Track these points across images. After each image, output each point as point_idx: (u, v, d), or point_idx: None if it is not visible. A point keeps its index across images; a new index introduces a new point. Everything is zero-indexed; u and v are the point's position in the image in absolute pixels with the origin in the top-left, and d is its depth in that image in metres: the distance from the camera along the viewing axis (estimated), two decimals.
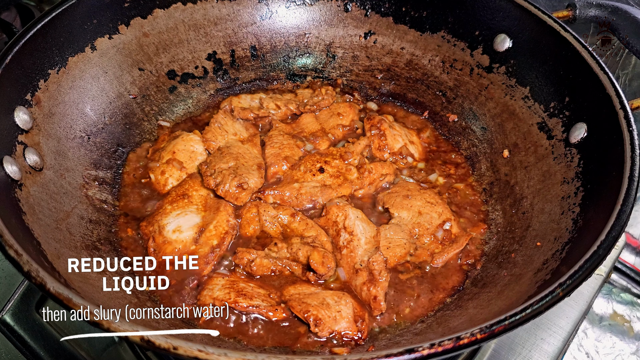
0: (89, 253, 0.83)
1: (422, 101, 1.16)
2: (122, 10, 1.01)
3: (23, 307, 0.94)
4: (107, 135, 1.01)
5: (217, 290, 0.81)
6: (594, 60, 0.86)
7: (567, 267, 0.67)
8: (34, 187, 0.80)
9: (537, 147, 0.96)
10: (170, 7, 1.06)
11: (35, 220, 0.76)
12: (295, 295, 0.83)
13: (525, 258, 0.84)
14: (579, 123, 0.88)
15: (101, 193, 0.95)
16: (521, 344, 0.95)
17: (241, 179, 0.95)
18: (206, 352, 0.54)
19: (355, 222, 0.90)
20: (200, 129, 1.07)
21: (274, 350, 0.78)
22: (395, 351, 0.56)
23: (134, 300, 0.79)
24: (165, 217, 0.91)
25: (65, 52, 0.94)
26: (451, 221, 0.94)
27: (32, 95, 0.87)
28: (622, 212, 0.70)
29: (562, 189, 0.87)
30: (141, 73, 1.07)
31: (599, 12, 0.99)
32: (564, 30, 0.91)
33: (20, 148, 0.81)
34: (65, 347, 0.92)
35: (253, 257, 0.87)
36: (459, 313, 0.81)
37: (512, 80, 1.02)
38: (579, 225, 0.79)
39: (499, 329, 0.59)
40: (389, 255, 0.88)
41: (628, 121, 0.78)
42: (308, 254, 0.86)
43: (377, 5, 1.13)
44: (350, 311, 0.80)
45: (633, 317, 1.09)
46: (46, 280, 0.60)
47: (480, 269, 0.90)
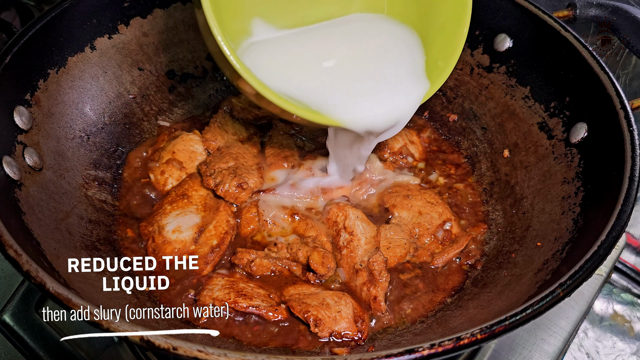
0: (88, 253, 0.83)
1: None
2: (121, 10, 1.01)
3: (22, 307, 0.94)
4: (107, 135, 1.01)
5: (216, 291, 0.81)
6: (595, 60, 0.86)
7: (567, 267, 0.67)
8: (33, 187, 0.80)
9: (537, 147, 0.96)
10: (170, 6, 1.06)
11: (34, 220, 0.76)
12: (295, 296, 0.82)
13: (526, 258, 0.84)
14: (580, 123, 0.88)
15: (101, 193, 0.95)
16: (521, 344, 0.95)
17: (241, 179, 0.95)
18: (206, 352, 0.54)
19: (355, 222, 0.90)
20: (200, 129, 1.07)
21: (274, 351, 0.78)
22: (396, 351, 0.56)
23: (133, 301, 0.79)
24: (164, 217, 0.91)
25: (65, 52, 0.94)
26: (451, 221, 0.94)
27: (31, 95, 0.87)
28: (623, 212, 0.70)
29: (562, 189, 0.87)
30: (141, 73, 1.07)
31: (600, 12, 0.99)
32: (564, 30, 0.90)
33: (20, 148, 0.81)
34: (65, 347, 0.92)
35: (253, 257, 0.87)
36: (459, 313, 0.81)
37: (513, 80, 1.02)
38: (580, 225, 0.79)
39: (500, 329, 0.59)
40: (389, 255, 0.88)
41: (628, 121, 0.78)
42: (308, 254, 0.86)
43: None
44: (350, 311, 0.80)
45: (633, 317, 1.08)
46: (46, 280, 0.60)
47: (480, 269, 0.90)
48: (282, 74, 0.82)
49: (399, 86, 0.84)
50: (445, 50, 0.86)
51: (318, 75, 0.83)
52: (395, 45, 0.89)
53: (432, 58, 0.88)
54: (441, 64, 0.86)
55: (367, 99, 0.81)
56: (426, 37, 0.90)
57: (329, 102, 0.80)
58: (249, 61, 0.81)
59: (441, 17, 0.87)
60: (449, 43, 0.86)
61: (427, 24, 0.90)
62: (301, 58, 0.86)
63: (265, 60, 0.83)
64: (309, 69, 0.84)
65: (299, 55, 0.86)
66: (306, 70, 0.84)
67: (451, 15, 0.86)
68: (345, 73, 0.84)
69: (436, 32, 0.88)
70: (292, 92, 0.80)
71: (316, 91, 0.81)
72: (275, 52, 0.85)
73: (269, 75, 0.79)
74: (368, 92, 0.82)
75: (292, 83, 0.81)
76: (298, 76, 0.82)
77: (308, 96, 0.80)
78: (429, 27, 0.89)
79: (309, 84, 0.82)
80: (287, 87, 0.80)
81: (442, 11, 0.87)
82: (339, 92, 0.81)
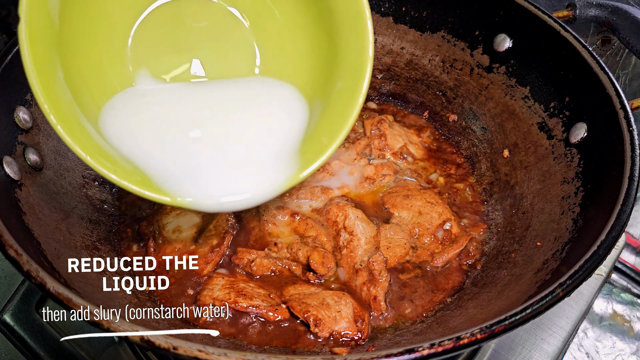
0: (88, 253, 0.83)
1: (422, 101, 1.16)
2: None
3: (23, 307, 0.94)
4: None
5: (217, 290, 0.81)
6: (594, 60, 0.86)
7: (567, 267, 0.67)
8: (34, 187, 0.80)
9: (537, 147, 0.96)
10: None
11: (35, 220, 0.76)
12: (295, 296, 0.83)
13: (525, 258, 0.84)
14: (579, 123, 0.88)
15: (101, 193, 0.95)
16: (521, 344, 0.95)
17: None
18: (206, 352, 0.54)
19: (355, 222, 0.90)
20: None
21: (274, 350, 0.78)
22: (395, 351, 0.56)
23: (134, 300, 0.79)
24: (165, 216, 0.91)
25: None
26: (451, 221, 0.94)
27: (32, 95, 0.87)
28: (622, 212, 0.70)
29: (562, 188, 0.87)
30: None
31: (599, 12, 0.99)
32: (564, 30, 0.90)
33: (20, 148, 0.81)
34: (65, 347, 0.92)
35: (253, 257, 0.87)
36: (459, 313, 0.81)
37: (512, 80, 1.02)
38: (579, 225, 0.79)
39: (499, 329, 0.59)
40: (389, 255, 0.88)
41: (628, 121, 0.78)
42: (308, 254, 0.86)
43: (376, 5, 1.13)
44: (350, 311, 0.80)
45: (633, 317, 1.09)
46: (46, 280, 0.60)
47: (480, 269, 0.90)
48: (134, 137, 0.72)
49: (263, 167, 0.72)
50: (334, 123, 0.72)
51: (172, 146, 0.72)
52: (276, 117, 0.77)
53: (316, 133, 0.75)
54: (325, 140, 0.72)
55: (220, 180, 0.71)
56: (316, 108, 0.78)
57: (174, 177, 0.69)
58: (106, 120, 0.72)
59: (339, 82, 0.74)
60: (339, 114, 0.72)
61: (321, 93, 0.78)
62: (162, 122, 0.74)
63: (123, 121, 0.73)
64: (164, 138, 0.73)
65: (161, 119, 0.75)
66: (160, 139, 0.72)
67: (347, 82, 0.73)
68: (204, 145, 0.73)
69: (329, 102, 0.76)
70: (139, 160, 0.70)
71: (164, 163, 0.70)
72: (137, 112, 0.75)
73: (120, 137, 0.71)
74: (223, 172, 0.71)
75: (141, 150, 0.71)
76: (149, 144, 0.72)
77: (152, 166, 0.70)
78: (322, 96, 0.77)
79: (158, 154, 0.71)
80: (135, 152, 0.71)
81: (340, 75, 0.74)
82: (191, 167, 0.70)
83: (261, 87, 0.82)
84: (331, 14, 0.74)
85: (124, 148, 0.71)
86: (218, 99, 0.79)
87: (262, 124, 0.76)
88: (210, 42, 0.83)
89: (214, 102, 0.78)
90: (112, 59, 0.78)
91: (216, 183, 0.70)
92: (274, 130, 0.76)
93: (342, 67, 0.74)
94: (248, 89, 0.82)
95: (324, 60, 0.78)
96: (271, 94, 0.81)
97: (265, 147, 0.74)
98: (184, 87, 0.80)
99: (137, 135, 0.72)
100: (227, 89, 0.81)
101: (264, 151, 0.74)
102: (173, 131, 0.73)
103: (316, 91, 0.79)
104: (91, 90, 0.74)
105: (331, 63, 0.76)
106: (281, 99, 0.80)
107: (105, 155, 0.67)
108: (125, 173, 0.67)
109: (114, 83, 0.78)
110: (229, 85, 0.82)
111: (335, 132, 0.71)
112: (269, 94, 0.81)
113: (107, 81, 0.77)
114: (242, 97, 0.80)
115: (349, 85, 0.72)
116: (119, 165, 0.67)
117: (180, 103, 0.78)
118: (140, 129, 0.73)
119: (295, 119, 0.77)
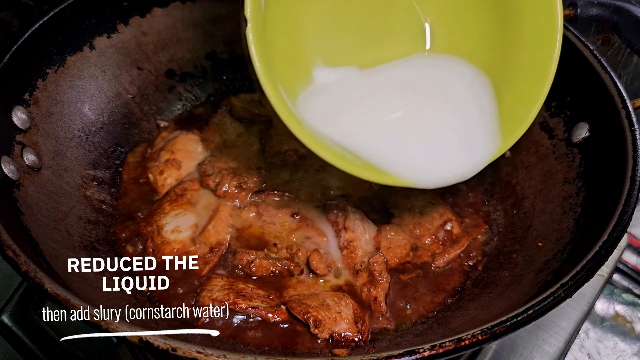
0: (87, 253, 0.82)
1: None
2: (120, 9, 1.00)
3: (21, 307, 0.94)
4: (106, 134, 1.01)
5: (216, 291, 0.81)
6: (596, 60, 0.85)
7: (568, 268, 0.67)
8: (32, 187, 0.80)
9: (538, 146, 0.95)
10: (169, 5, 1.06)
11: (33, 221, 0.76)
12: (294, 296, 0.82)
13: (527, 258, 0.84)
14: (581, 123, 0.88)
15: (100, 193, 0.94)
16: (522, 345, 0.95)
17: (240, 179, 0.94)
18: (205, 354, 0.53)
19: (356, 222, 0.90)
20: (200, 129, 1.06)
21: (273, 352, 0.78)
22: (396, 352, 0.55)
23: (133, 301, 0.79)
24: (164, 217, 0.90)
25: (64, 52, 0.93)
26: (452, 221, 0.94)
27: (30, 94, 0.86)
28: (624, 212, 0.69)
29: (563, 189, 0.87)
30: (140, 72, 1.07)
31: (601, 12, 0.98)
32: (565, 30, 0.90)
33: (19, 148, 0.81)
34: (64, 348, 0.91)
35: (252, 258, 0.86)
36: (460, 314, 0.81)
37: None
38: (581, 226, 0.79)
39: (501, 330, 0.59)
40: (390, 255, 0.88)
41: (630, 121, 0.78)
42: (308, 254, 0.86)
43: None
44: (350, 312, 0.79)
45: (635, 318, 1.08)
46: (44, 280, 0.59)
47: (481, 270, 0.90)
48: (341, 125, 0.75)
49: (469, 143, 0.76)
50: (526, 92, 0.75)
51: (380, 128, 0.76)
52: (465, 92, 0.80)
53: (507, 104, 0.78)
54: (521, 109, 0.75)
55: (435, 156, 0.75)
56: (500, 79, 0.79)
57: (392, 158, 0.73)
58: (308, 111, 0.75)
59: (525, 51, 0.76)
60: (531, 82, 0.74)
61: (502, 63, 0.79)
62: (362, 108, 0.78)
63: (325, 109, 0.76)
64: (371, 121, 0.76)
65: (360, 104, 0.79)
66: (368, 122, 0.76)
67: (536, 48, 0.75)
68: (409, 125, 0.76)
69: (515, 72, 0.77)
70: (352, 146, 0.74)
71: (378, 146, 0.74)
72: (335, 100, 0.78)
73: (328, 127, 0.74)
74: (435, 149, 0.75)
75: (352, 136, 0.74)
76: (358, 129, 0.75)
77: (369, 151, 0.74)
78: (504, 66, 0.79)
79: (370, 137, 0.75)
80: (346, 140, 0.74)
81: (525, 44, 0.75)
82: (403, 148, 0.74)
83: (439, 64, 0.83)
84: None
85: (338, 136, 0.74)
86: (404, 80, 0.81)
87: (458, 101, 0.79)
88: (377, 22, 0.83)
89: (401, 84, 0.80)
90: (297, 51, 0.80)
91: (432, 161, 0.74)
92: (470, 105, 0.78)
93: (526, 36, 0.76)
94: (428, 67, 0.83)
95: (500, 31, 0.79)
96: (452, 70, 0.82)
97: (468, 121, 0.77)
98: (369, 73, 0.82)
99: (348, 122, 0.76)
100: (407, 70, 0.82)
101: (467, 125, 0.77)
102: (379, 115, 0.77)
103: (493, 63, 0.80)
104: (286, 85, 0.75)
105: (509, 33, 0.78)
106: (463, 75, 0.81)
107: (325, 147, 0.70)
108: (348, 162, 0.71)
109: (302, 75, 0.80)
110: (407, 65, 0.83)
111: (532, 101, 0.74)
112: (450, 71, 0.82)
113: (298, 74, 0.79)
114: (427, 77, 0.82)
115: (538, 54, 0.75)
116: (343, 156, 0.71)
117: (376, 88, 0.80)
118: (348, 117, 0.77)
119: (484, 93, 0.79)
